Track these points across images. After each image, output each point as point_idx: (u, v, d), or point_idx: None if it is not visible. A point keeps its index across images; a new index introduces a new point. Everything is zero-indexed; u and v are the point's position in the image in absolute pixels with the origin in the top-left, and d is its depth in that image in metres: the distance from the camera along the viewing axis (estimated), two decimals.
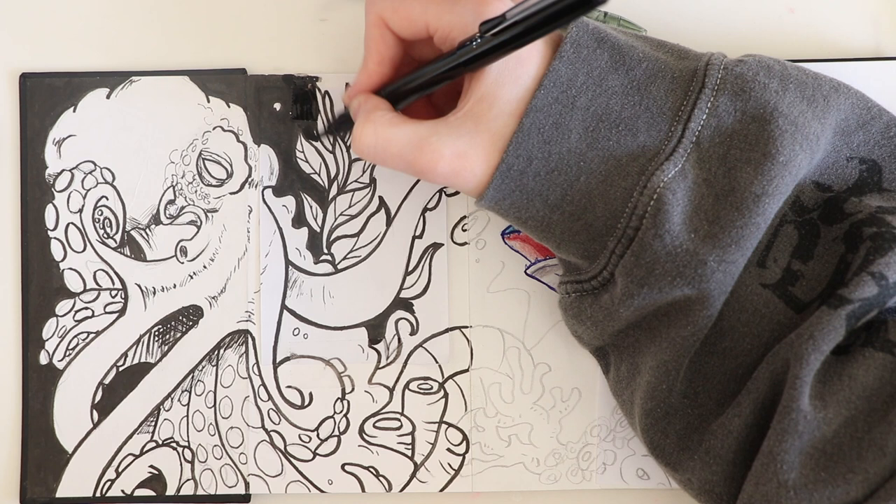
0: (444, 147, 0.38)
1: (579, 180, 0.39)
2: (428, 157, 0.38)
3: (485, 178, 0.39)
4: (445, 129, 0.39)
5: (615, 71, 0.39)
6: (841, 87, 0.41)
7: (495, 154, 0.39)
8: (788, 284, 0.40)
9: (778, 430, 0.37)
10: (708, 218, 0.38)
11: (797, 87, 0.39)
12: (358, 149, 0.40)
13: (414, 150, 0.38)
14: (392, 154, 0.39)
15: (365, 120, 0.39)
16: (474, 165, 0.39)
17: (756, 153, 0.38)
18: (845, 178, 0.41)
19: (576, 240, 0.39)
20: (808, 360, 0.37)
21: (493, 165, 0.39)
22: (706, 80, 0.39)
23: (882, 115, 0.41)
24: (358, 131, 0.40)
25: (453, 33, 0.39)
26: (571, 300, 0.42)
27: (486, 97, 0.38)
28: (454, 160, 0.38)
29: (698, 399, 0.40)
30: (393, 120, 0.39)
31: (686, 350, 0.39)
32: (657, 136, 0.39)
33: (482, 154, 0.39)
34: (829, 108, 0.40)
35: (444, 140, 0.38)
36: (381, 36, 0.40)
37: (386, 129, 0.39)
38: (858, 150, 0.41)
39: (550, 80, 0.38)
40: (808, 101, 0.39)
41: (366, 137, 0.39)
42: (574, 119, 0.39)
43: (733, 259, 0.37)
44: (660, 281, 0.38)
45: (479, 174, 0.39)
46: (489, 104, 0.38)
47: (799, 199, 0.41)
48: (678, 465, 0.40)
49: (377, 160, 0.40)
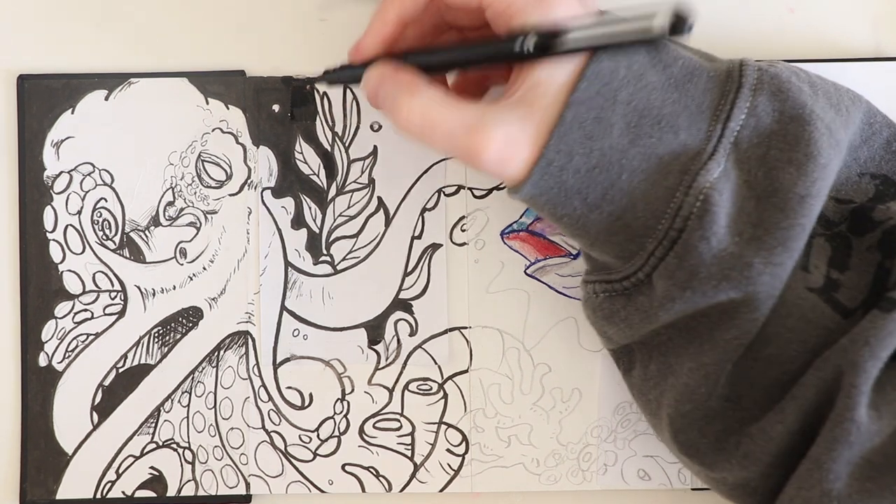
0: (496, 131, 0.36)
1: (621, 178, 0.37)
2: (479, 140, 0.37)
3: (526, 170, 0.37)
4: (500, 114, 0.37)
5: (653, 67, 0.38)
6: (856, 98, 0.40)
7: (540, 146, 0.37)
8: (832, 290, 0.39)
9: (828, 438, 0.35)
10: (752, 220, 0.36)
11: (824, 95, 0.39)
12: (406, 124, 0.38)
13: (466, 133, 0.37)
14: (442, 133, 0.37)
15: (411, 95, 0.38)
16: (522, 155, 0.37)
17: (798, 153, 0.37)
18: (863, 192, 0.40)
19: (613, 240, 0.38)
20: (865, 368, 0.35)
21: (535, 158, 0.37)
22: (743, 80, 0.38)
23: (883, 130, 0.41)
24: (405, 105, 0.37)
25: (510, 10, 0.37)
26: (601, 301, 0.40)
27: (541, 85, 0.37)
28: (505, 147, 0.37)
29: (741, 403, 0.39)
30: (444, 99, 0.37)
31: (729, 354, 0.38)
32: (697, 134, 0.37)
33: (530, 144, 0.37)
34: (850, 118, 0.39)
35: (498, 125, 0.37)
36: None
37: (436, 107, 0.37)
38: (866, 165, 0.41)
39: (593, 72, 0.37)
40: (835, 109, 0.39)
41: (414, 115, 0.37)
42: (616, 113, 0.37)
43: (780, 261, 0.36)
44: (704, 285, 0.36)
45: (522, 165, 0.37)
46: (542, 92, 0.37)
47: (823, 214, 0.39)
48: (714, 465, 0.39)
49: (422, 138, 0.38)
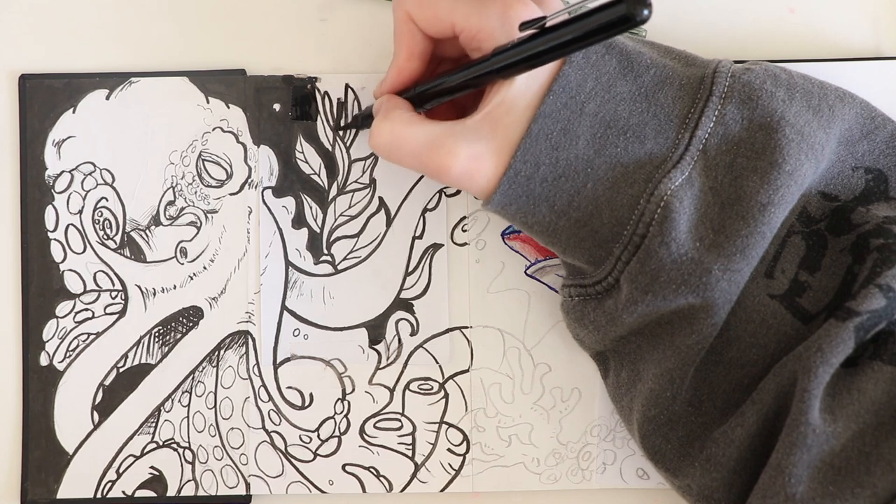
0: (459, 148, 0.38)
1: (586, 187, 0.39)
2: (443, 157, 0.38)
3: (494, 182, 0.39)
4: (462, 131, 0.39)
5: (623, 77, 0.39)
6: (846, 96, 0.41)
7: (507, 158, 0.39)
8: (796, 295, 0.40)
9: (786, 443, 0.36)
10: (714, 227, 0.37)
11: (803, 97, 0.39)
12: (374, 145, 0.40)
13: (429, 150, 0.39)
14: (407, 153, 0.39)
15: (383, 118, 0.40)
16: (487, 168, 0.39)
17: (762, 162, 0.38)
18: (851, 188, 0.41)
19: (582, 245, 0.39)
20: (818, 373, 0.36)
21: (503, 170, 0.39)
22: (714, 88, 0.39)
23: (886, 124, 0.41)
24: (375, 129, 0.40)
25: (479, 35, 0.38)
26: (574, 304, 0.42)
27: (505, 101, 0.38)
28: (468, 162, 0.38)
29: (702, 407, 0.40)
30: (411, 119, 0.39)
31: (691, 358, 0.39)
32: (664, 143, 0.39)
33: (495, 158, 0.39)
34: (834, 117, 0.40)
35: (459, 142, 0.38)
36: (410, 32, 0.40)
37: (403, 127, 0.39)
38: (863, 159, 0.41)
39: (560, 86, 0.38)
40: (814, 110, 0.39)
41: (382, 135, 0.39)
42: (582, 125, 0.39)
43: (738, 268, 0.37)
44: (664, 289, 0.38)
45: (490, 177, 0.39)
46: (507, 109, 0.38)
47: (806, 209, 0.41)
48: (678, 471, 0.40)
49: (392, 158, 0.40)
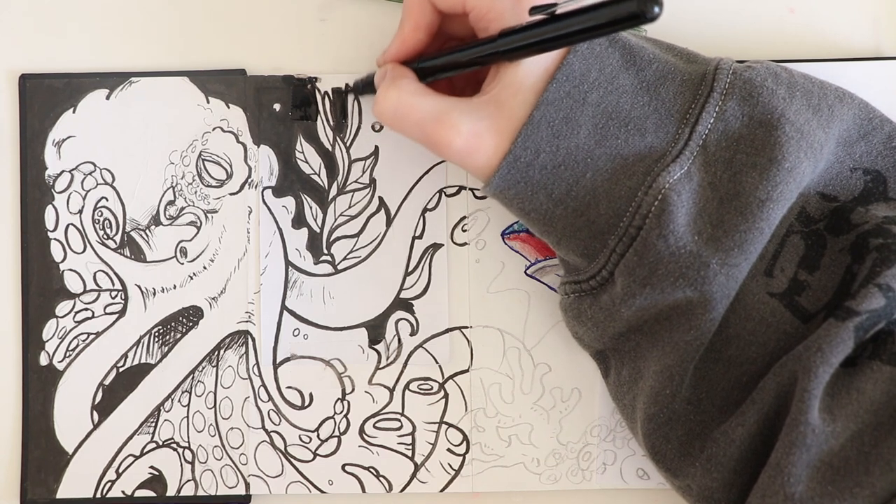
0: (462, 124, 0.39)
1: (585, 176, 0.39)
2: (446, 130, 0.39)
3: (493, 162, 0.39)
4: (468, 108, 0.39)
5: (626, 70, 0.39)
6: (845, 96, 0.41)
7: (508, 139, 0.39)
8: (795, 294, 0.40)
9: (786, 442, 0.36)
10: (712, 221, 0.38)
11: (803, 95, 0.39)
12: (379, 112, 0.40)
13: (434, 122, 0.39)
14: (412, 122, 0.39)
15: (390, 85, 0.40)
16: (488, 147, 0.39)
17: (762, 158, 0.38)
18: (850, 189, 0.41)
19: (577, 236, 0.40)
20: (817, 373, 0.36)
21: (503, 152, 0.39)
22: (715, 84, 0.39)
23: (884, 125, 0.41)
24: (381, 95, 0.40)
25: (489, 15, 0.39)
26: (571, 301, 0.42)
27: (513, 85, 0.39)
28: (470, 138, 0.39)
29: (702, 405, 0.40)
30: (418, 89, 0.40)
31: (690, 355, 0.39)
32: (664, 137, 0.39)
33: (497, 138, 0.39)
34: (833, 117, 0.40)
35: (464, 117, 0.39)
36: (420, 3, 0.41)
37: (409, 96, 0.39)
38: (861, 160, 0.41)
39: (563, 74, 0.39)
40: (814, 109, 0.39)
41: (388, 102, 0.39)
42: (584, 115, 0.39)
43: (736, 263, 0.37)
44: (662, 281, 0.38)
45: (489, 156, 0.39)
46: (514, 92, 0.39)
47: (805, 209, 0.41)
48: (678, 471, 0.40)
49: (396, 126, 0.40)
